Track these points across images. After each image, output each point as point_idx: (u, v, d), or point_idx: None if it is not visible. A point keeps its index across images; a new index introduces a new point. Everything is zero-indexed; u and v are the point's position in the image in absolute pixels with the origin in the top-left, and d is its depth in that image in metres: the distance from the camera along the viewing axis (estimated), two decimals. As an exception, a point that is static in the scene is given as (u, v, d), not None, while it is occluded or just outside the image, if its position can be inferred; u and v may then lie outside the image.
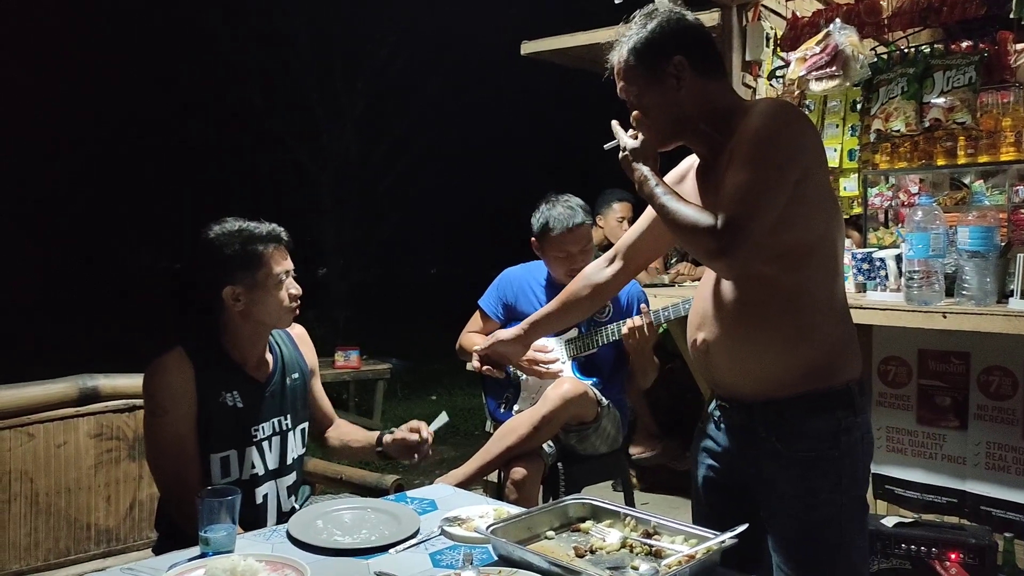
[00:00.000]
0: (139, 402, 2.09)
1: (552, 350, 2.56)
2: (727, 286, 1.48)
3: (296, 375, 1.93)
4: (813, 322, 1.44)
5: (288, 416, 1.88)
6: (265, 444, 1.82)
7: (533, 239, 2.57)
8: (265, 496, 1.82)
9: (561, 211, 2.50)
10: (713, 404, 1.61)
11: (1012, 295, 2.41)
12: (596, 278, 1.77)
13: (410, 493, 1.80)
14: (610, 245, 4.18)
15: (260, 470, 1.81)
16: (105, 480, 2.05)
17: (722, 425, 1.57)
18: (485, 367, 1.86)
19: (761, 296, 1.43)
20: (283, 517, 1.77)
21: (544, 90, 11.58)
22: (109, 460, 2.06)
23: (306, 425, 1.95)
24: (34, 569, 1.88)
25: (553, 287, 2.61)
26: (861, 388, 1.50)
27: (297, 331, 2.00)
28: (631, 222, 4.09)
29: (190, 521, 1.45)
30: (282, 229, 1.84)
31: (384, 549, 1.40)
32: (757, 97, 3.43)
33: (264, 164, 12.36)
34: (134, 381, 2.13)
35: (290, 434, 1.88)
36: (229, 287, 1.75)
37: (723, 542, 1.31)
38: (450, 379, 6.81)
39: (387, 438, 1.96)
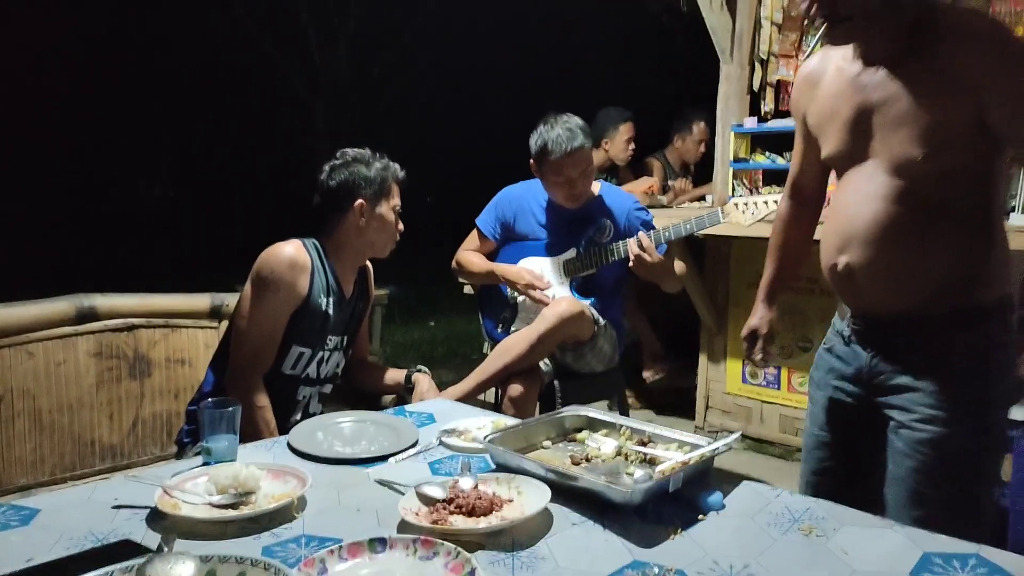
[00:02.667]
0: (138, 321, 2.12)
1: (549, 272, 2.55)
2: (874, 207, 1.37)
3: (361, 305, 2.10)
4: (968, 238, 1.36)
5: (345, 337, 2.05)
6: (327, 354, 1.99)
7: (532, 161, 2.52)
8: (304, 396, 2.00)
9: (560, 133, 2.42)
10: (844, 323, 1.54)
11: (1015, 210, 2.40)
12: (801, 220, 1.72)
13: (409, 407, 1.83)
14: (615, 167, 4.16)
15: (314, 373, 1.98)
16: (107, 398, 2.07)
17: (857, 346, 1.50)
18: (759, 359, 1.80)
19: (916, 213, 1.35)
20: (308, 417, 1.90)
21: (543, 10, 11.22)
22: (110, 379, 2.08)
23: (351, 351, 2.11)
24: (40, 483, 1.92)
25: (553, 208, 2.58)
26: (1012, 305, 1.42)
27: (369, 267, 2.15)
28: (636, 141, 4.07)
29: (246, 397, 1.73)
30: (403, 171, 2.02)
31: (384, 459, 1.43)
32: (764, 10, 3.31)
33: (256, 86, 12.09)
34: (131, 301, 2.14)
35: (341, 352, 2.05)
36: (361, 200, 1.92)
37: (716, 449, 1.33)
38: (448, 304, 6.84)
39: (415, 377, 2.10)
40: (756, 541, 1.10)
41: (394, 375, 2.16)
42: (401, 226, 2.03)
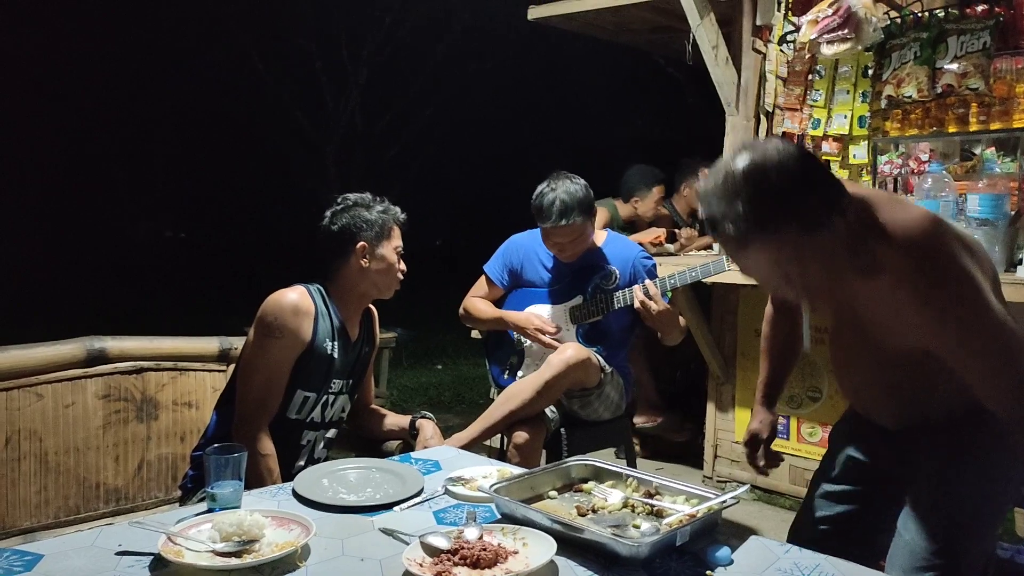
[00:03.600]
0: (147, 364, 2.12)
1: (556, 319, 2.56)
2: (872, 354, 1.44)
3: (367, 348, 2.12)
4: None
5: (351, 380, 2.05)
6: (332, 397, 2.00)
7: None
8: (309, 441, 1.99)
9: (556, 202, 2.41)
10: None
11: (1021, 263, 2.40)
12: (784, 326, 1.76)
13: (415, 454, 1.82)
14: (640, 222, 4.22)
15: (319, 418, 1.99)
16: (113, 440, 2.07)
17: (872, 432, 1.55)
18: (762, 465, 1.79)
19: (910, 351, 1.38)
20: (313, 463, 1.96)
21: (551, 58, 11.45)
22: (117, 421, 2.08)
23: (357, 395, 2.11)
24: (44, 526, 1.90)
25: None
26: None
27: (373, 311, 2.16)
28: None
29: (252, 445, 1.72)
30: (404, 213, 2.06)
31: (389, 507, 1.42)
32: (769, 65, 3.38)
33: (268, 134, 12.32)
34: (140, 344, 2.15)
35: (347, 396, 2.05)
36: (362, 243, 1.95)
37: (724, 502, 1.32)
38: (455, 349, 6.84)
39: (420, 423, 2.09)
40: (765, 598, 1.09)
41: (398, 420, 2.16)
42: (404, 267, 2.04)
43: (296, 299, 1.89)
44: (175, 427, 2.16)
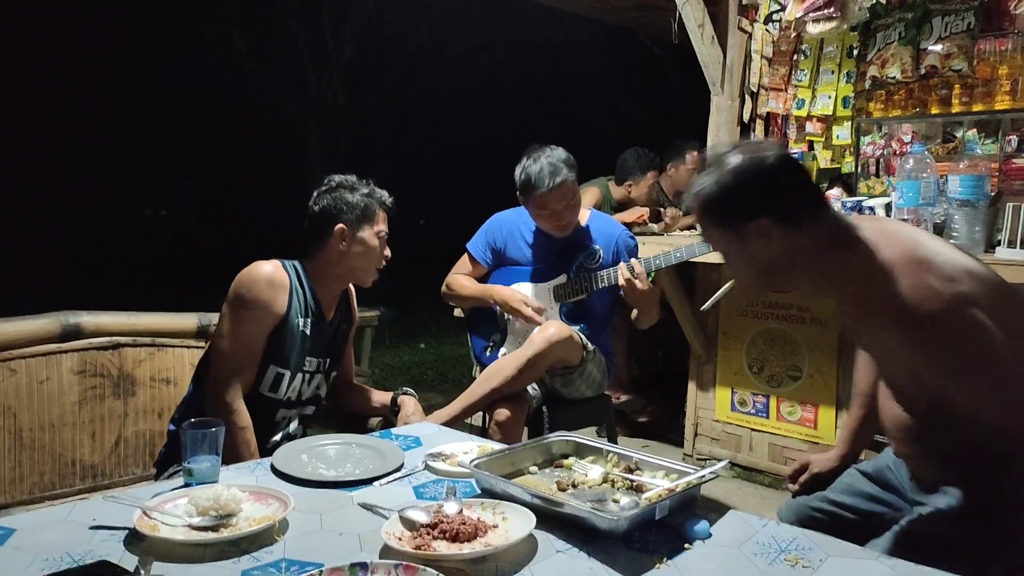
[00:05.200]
0: (124, 340, 2.10)
1: (539, 297, 2.55)
2: (899, 408, 1.41)
3: (345, 326, 2.10)
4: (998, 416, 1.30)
5: (328, 359, 2.04)
6: (307, 376, 1.99)
7: (518, 193, 2.52)
8: (285, 418, 1.99)
9: (543, 168, 2.40)
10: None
11: (1000, 244, 2.42)
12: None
13: (395, 430, 1.81)
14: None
15: (294, 396, 1.97)
16: (89, 416, 2.04)
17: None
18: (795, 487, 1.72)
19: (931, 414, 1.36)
20: (288, 438, 1.96)
21: (537, 38, 11.36)
22: (93, 397, 2.05)
23: (333, 374, 2.10)
24: (19, 502, 1.88)
25: (543, 234, 2.59)
26: None
27: (351, 290, 2.14)
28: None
29: (227, 418, 1.72)
30: (391, 197, 2.03)
31: (368, 482, 1.41)
32: (754, 44, 3.36)
33: (250, 112, 12.15)
34: (117, 319, 2.12)
35: (323, 375, 2.04)
36: (342, 225, 1.92)
37: (703, 477, 1.33)
38: (438, 327, 6.83)
39: (401, 399, 2.07)
40: (742, 571, 1.09)
41: (380, 397, 2.15)
42: (388, 252, 2.02)
43: (271, 271, 1.88)
44: (153, 403, 2.14)
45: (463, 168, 14.01)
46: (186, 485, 1.33)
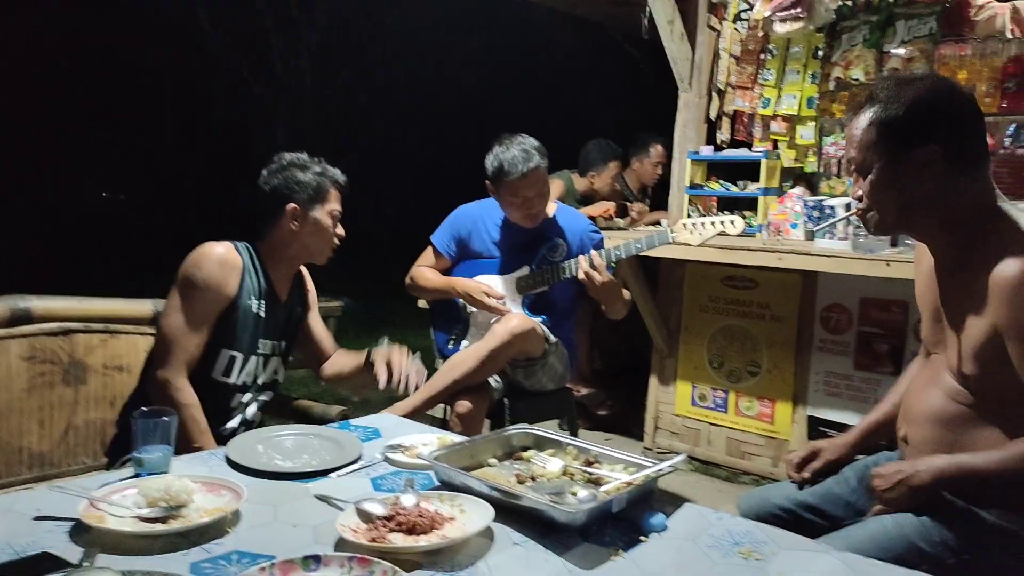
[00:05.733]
0: (75, 326, 2.04)
1: (502, 289, 2.55)
2: (933, 397, 1.40)
3: (299, 308, 2.07)
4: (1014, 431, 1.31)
5: (284, 342, 2.01)
6: (262, 359, 1.95)
7: (488, 182, 2.51)
8: (242, 403, 1.95)
9: (516, 154, 2.41)
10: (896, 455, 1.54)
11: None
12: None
13: (354, 421, 1.79)
14: (596, 197, 4.21)
15: (249, 379, 1.94)
16: (38, 404, 1.98)
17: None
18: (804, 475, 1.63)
19: (968, 412, 1.35)
20: (246, 424, 1.94)
21: (509, 31, 11.31)
22: (43, 384, 1.99)
23: (291, 358, 2.07)
24: (-38, 491, 1.82)
25: (507, 226, 2.59)
26: None
27: (305, 271, 2.12)
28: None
29: (173, 396, 1.73)
30: (344, 176, 1.99)
31: (325, 474, 1.39)
32: (723, 42, 3.39)
33: (215, 95, 11.91)
34: (68, 304, 2.05)
35: (279, 359, 2.01)
36: (293, 205, 1.89)
37: (660, 471, 1.34)
38: (402, 319, 6.77)
39: (379, 362, 2.03)
40: (696, 564, 1.10)
41: (356, 359, 2.12)
42: (341, 231, 1.99)
43: (222, 252, 1.85)
44: (105, 391, 2.08)
45: (431, 159, 13.93)
46: (136, 475, 1.30)
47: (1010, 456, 1.27)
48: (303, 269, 2.10)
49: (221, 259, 1.83)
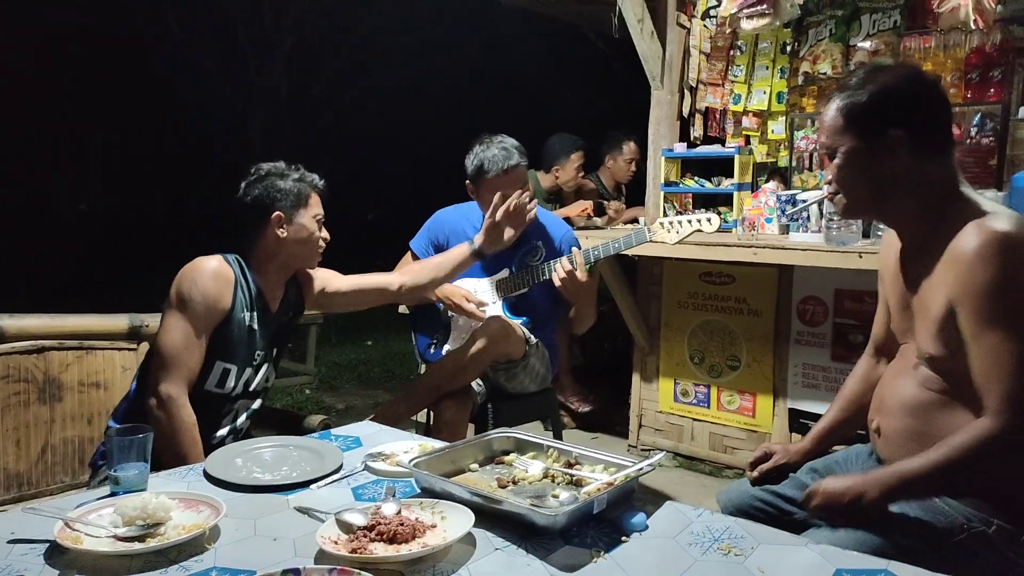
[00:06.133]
0: (49, 343, 2.01)
1: (482, 291, 2.55)
2: (904, 386, 1.42)
3: (291, 315, 2.07)
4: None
5: (275, 349, 2.03)
6: (254, 368, 1.96)
7: (468, 182, 2.51)
8: (232, 411, 1.96)
9: (496, 152, 2.43)
10: (868, 448, 1.57)
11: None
12: (874, 376, 1.61)
13: (335, 431, 1.79)
14: (563, 192, 4.20)
15: (241, 389, 1.95)
16: (14, 424, 1.96)
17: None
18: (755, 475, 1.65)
19: (938, 398, 1.37)
20: (235, 433, 1.96)
21: (482, 30, 11.30)
22: (17, 403, 1.97)
23: (279, 363, 2.10)
24: (-62, 515, 1.79)
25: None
26: None
27: (299, 276, 2.11)
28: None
29: (175, 416, 1.74)
30: (322, 180, 2.02)
31: (305, 485, 1.39)
32: (693, 40, 3.42)
33: (189, 103, 11.79)
34: (41, 321, 2.03)
35: (271, 364, 2.03)
36: (278, 213, 1.91)
37: (640, 470, 1.34)
38: (384, 324, 6.75)
39: (478, 238, 2.22)
40: (677, 561, 1.11)
41: (445, 260, 2.26)
42: (326, 234, 2.01)
43: (215, 266, 1.85)
44: (81, 408, 2.07)
45: (409, 163, 13.89)
46: (113, 494, 1.29)
47: (947, 451, 1.29)
48: (298, 278, 2.09)
49: (215, 273, 1.84)
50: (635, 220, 3.95)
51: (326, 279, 2.14)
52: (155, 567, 1.07)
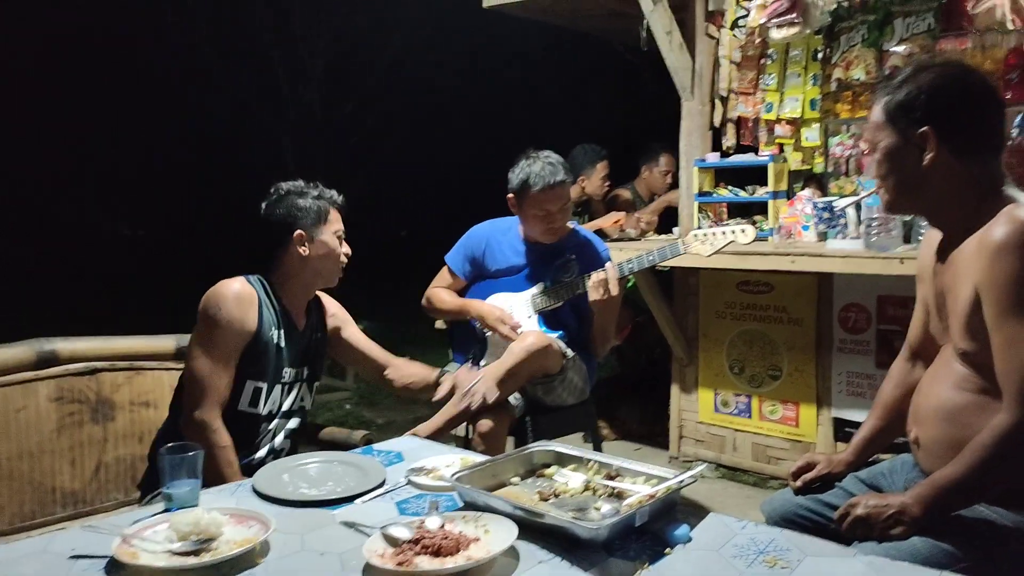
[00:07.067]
0: (100, 364, 2.08)
1: (518, 306, 2.56)
2: (941, 390, 1.41)
3: (319, 334, 2.10)
4: None
5: (307, 368, 2.04)
6: (285, 387, 1.99)
7: (510, 195, 2.54)
8: (269, 431, 1.98)
9: (542, 168, 2.46)
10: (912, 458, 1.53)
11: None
12: (911, 380, 1.59)
13: (377, 446, 1.81)
14: (588, 202, 4.21)
15: (275, 409, 1.97)
16: (69, 444, 2.02)
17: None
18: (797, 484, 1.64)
19: (977, 400, 1.36)
20: (274, 453, 1.97)
21: (513, 46, 11.39)
22: (72, 423, 2.03)
23: (317, 383, 2.11)
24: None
25: (522, 244, 2.61)
26: None
27: (323, 295, 2.16)
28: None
29: (207, 439, 1.75)
30: (341, 195, 2.05)
31: (350, 500, 1.41)
32: (723, 50, 3.41)
33: (225, 125, 12.07)
34: (93, 344, 2.10)
35: (305, 385, 2.05)
36: (300, 232, 1.94)
37: (682, 482, 1.34)
38: (422, 340, 6.78)
39: (445, 379, 2.17)
40: (721, 574, 1.11)
41: (424, 373, 2.23)
42: (347, 249, 2.03)
43: (238, 288, 1.89)
44: (133, 428, 2.13)
45: (442, 179, 14.02)
46: (166, 510, 1.33)
47: (975, 453, 1.28)
48: (320, 294, 2.13)
49: (238, 295, 1.87)
50: (670, 231, 3.93)
51: (345, 322, 2.19)
52: (209, 581, 1.10)
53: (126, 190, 12.88)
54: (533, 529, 1.22)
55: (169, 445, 1.37)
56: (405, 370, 2.24)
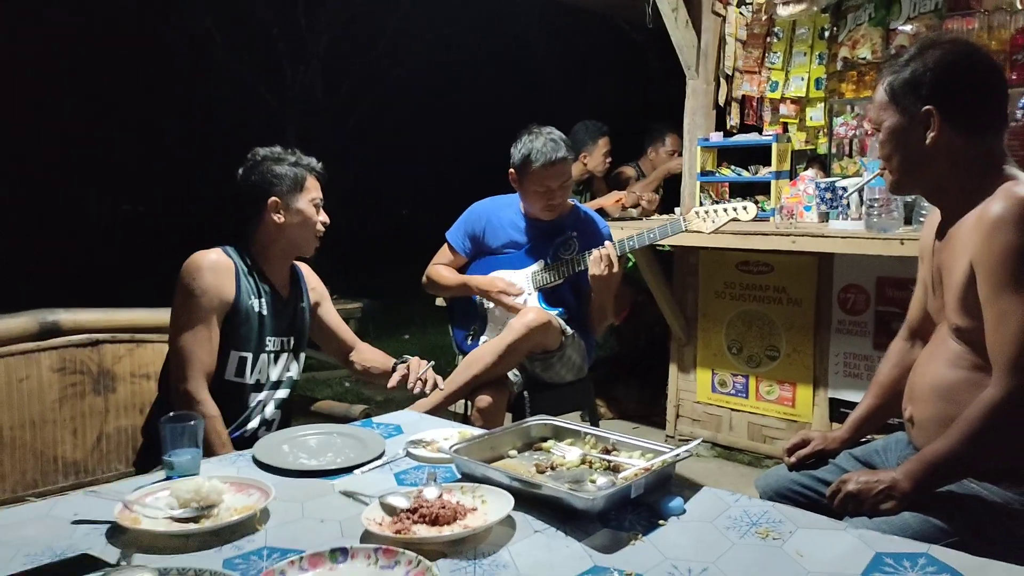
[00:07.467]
0: (102, 336, 2.09)
1: (518, 283, 2.57)
2: (935, 368, 1.42)
3: (303, 304, 2.09)
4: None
5: (293, 338, 2.04)
6: (271, 356, 1.98)
7: (512, 171, 2.54)
8: (259, 402, 1.97)
9: (544, 144, 2.46)
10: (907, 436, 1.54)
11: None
12: (908, 360, 1.59)
13: (376, 419, 1.83)
14: (591, 179, 4.19)
15: (263, 378, 1.97)
16: (71, 414, 2.04)
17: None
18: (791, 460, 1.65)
19: (971, 378, 1.36)
20: (266, 424, 1.97)
21: (516, 24, 11.29)
22: (74, 394, 2.05)
23: (304, 354, 2.09)
24: (2, 501, 1.88)
25: (522, 221, 2.61)
26: None
27: (303, 267, 2.15)
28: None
29: (195, 410, 1.71)
30: (319, 163, 2.02)
31: (349, 470, 1.43)
32: (728, 27, 3.38)
33: (225, 103, 12.02)
34: (96, 315, 2.11)
35: (291, 355, 2.04)
36: (274, 198, 1.92)
37: (677, 455, 1.36)
38: (422, 318, 6.83)
39: (400, 368, 2.10)
40: (714, 545, 1.12)
41: (383, 361, 2.18)
42: (324, 217, 2.00)
43: (214, 259, 1.89)
44: (134, 399, 2.14)
45: (443, 157, 13.96)
46: (168, 478, 1.34)
47: (964, 427, 1.29)
48: (302, 265, 2.12)
49: (213, 265, 1.87)
50: (672, 211, 3.92)
51: (323, 297, 2.17)
52: (210, 546, 1.12)
53: (126, 168, 12.86)
54: (530, 500, 1.23)
55: (170, 414, 1.38)
56: (367, 355, 2.22)
